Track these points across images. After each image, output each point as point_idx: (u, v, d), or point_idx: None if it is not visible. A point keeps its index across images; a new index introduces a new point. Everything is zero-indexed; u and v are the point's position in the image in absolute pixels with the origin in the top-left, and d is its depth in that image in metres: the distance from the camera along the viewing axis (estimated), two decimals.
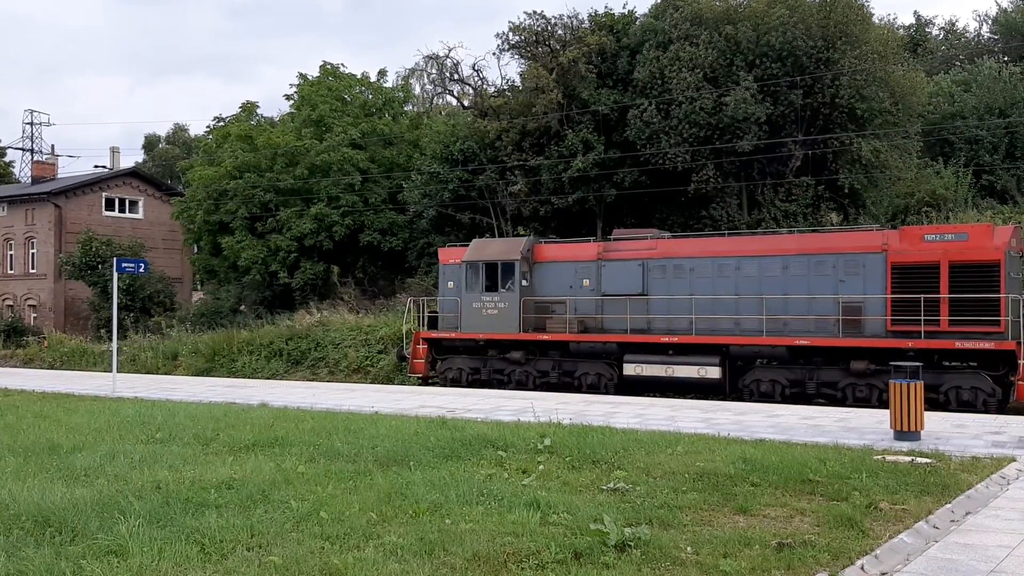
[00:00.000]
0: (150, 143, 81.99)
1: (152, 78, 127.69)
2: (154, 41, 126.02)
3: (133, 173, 51.73)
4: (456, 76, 37.33)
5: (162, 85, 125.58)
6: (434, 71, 37.61)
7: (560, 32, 33.85)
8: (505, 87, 36.79)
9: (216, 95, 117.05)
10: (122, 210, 48.97)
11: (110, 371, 25.51)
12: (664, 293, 21.79)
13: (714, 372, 20.70)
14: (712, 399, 20.20)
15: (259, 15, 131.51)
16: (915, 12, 71.76)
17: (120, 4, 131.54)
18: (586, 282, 22.91)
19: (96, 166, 56.20)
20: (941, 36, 47.43)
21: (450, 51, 39.85)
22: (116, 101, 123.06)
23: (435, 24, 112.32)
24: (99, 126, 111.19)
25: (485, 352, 24.17)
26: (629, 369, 21.75)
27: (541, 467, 10.14)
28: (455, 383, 24.26)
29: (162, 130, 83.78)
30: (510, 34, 34.18)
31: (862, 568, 6.60)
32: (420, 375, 25.06)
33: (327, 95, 39.68)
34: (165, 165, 68.07)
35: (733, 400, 20.21)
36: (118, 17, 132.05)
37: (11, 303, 47.45)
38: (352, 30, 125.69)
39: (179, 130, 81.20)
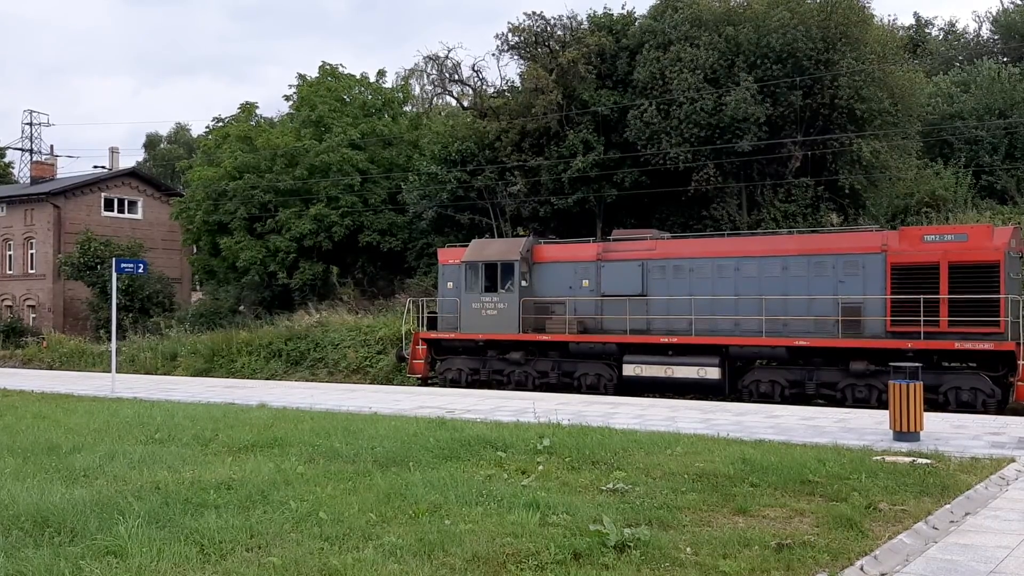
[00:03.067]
0: (151, 142, 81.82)
1: (157, 79, 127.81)
2: (159, 42, 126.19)
3: (132, 173, 51.68)
4: (456, 77, 37.30)
5: (167, 86, 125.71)
6: (434, 72, 37.56)
7: (559, 33, 33.85)
8: (504, 88, 36.80)
9: (221, 96, 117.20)
10: (121, 210, 48.93)
11: (109, 371, 25.51)
12: (663, 294, 21.79)
13: (713, 373, 20.71)
14: (711, 400, 20.20)
15: (264, 17, 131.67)
16: (915, 13, 71.72)
17: (126, 5, 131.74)
18: (585, 283, 22.91)
19: (95, 166, 56.19)
20: (941, 37, 47.45)
21: (450, 52, 39.74)
22: (121, 102, 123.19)
23: (439, 26, 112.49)
24: (103, 127, 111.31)
25: (484, 353, 24.16)
26: (628, 370, 21.75)
27: (540, 468, 10.14)
28: (454, 384, 24.25)
29: (165, 131, 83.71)
30: (509, 35, 34.17)
31: (861, 569, 6.60)
32: (419, 375, 25.06)
33: (326, 95, 39.65)
34: (166, 165, 68.00)
35: (732, 401, 20.20)
36: (123, 19, 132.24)
37: (10, 303, 47.43)
38: (356, 32, 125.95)
39: (181, 129, 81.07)
